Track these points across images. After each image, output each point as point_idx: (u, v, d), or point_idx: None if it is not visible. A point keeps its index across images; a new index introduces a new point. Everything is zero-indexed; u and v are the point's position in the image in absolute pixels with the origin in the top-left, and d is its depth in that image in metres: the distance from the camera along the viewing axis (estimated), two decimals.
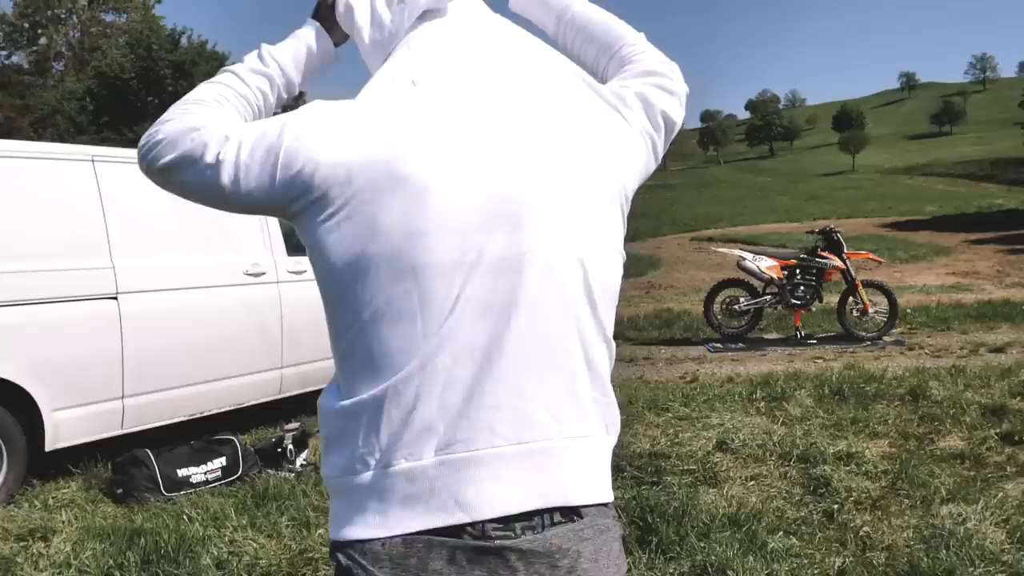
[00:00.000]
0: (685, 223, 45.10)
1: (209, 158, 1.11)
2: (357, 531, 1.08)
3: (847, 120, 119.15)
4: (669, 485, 4.22)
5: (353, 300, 1.08)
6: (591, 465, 1.15)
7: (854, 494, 4.00)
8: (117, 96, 31.52)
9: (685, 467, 4.53)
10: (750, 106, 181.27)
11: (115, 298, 4.73)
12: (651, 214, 52.22)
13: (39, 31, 45.07)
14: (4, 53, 46.69)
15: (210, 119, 1.16)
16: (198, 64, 32.52)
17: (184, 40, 33.88)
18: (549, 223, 1.11)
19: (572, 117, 1.19)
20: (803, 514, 3.84)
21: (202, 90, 1.25)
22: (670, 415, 5.81)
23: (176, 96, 1.27)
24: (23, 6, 44.08)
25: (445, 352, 1.06)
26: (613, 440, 1.21)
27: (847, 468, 4.38)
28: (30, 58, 45.87)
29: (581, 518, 1.10)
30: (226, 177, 1.11)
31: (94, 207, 4.75)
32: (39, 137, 28.13)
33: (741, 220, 45.14)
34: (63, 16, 44.76)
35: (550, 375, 1.11)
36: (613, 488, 1.20)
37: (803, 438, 4.99)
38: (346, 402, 1.10)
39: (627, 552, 3.46)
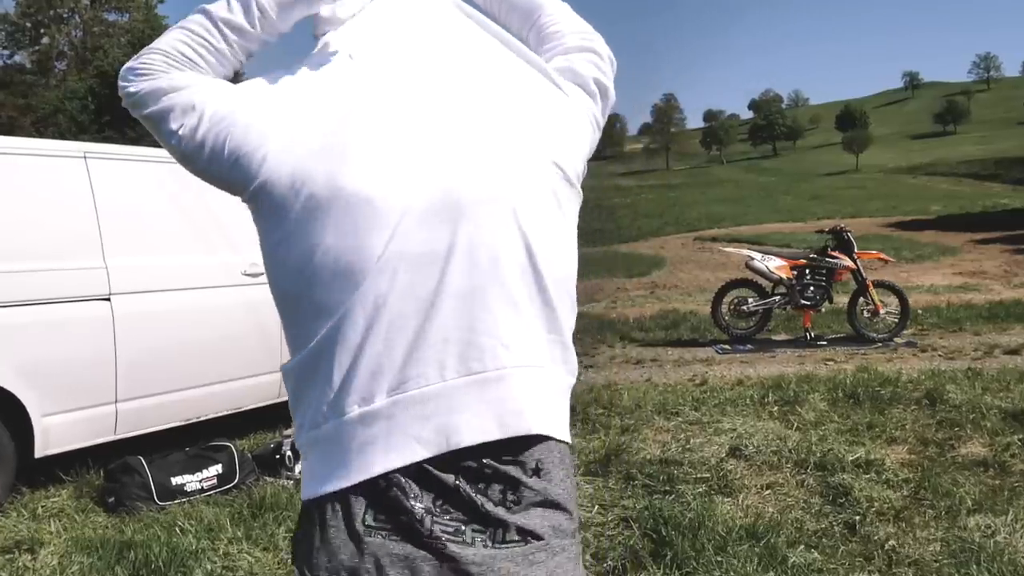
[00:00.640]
0: (688, 223, 45.00)
1: (174, 125, 1.15)
2: (324, 485, 1.07)
3: (850, 120, 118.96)
4: (682, 494, 4.05)
5: (299, 276, 1.11)
6: (548, 394, 1.14)
7: (876, 504, 3.83)
8: (119, 95, 31.33)
9: (698, 475, 4.36)
10: (753, 106, 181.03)
11: (108, 299, 4.57)
12: (654, 214, 52.23)
13: (41, 31, 45.03)
14: (6, 53, 46.70)
15: (182, 82, 1.17)
16: None
17: None
18: (493, 213, 1.10)
19: (513, 96, 1.19)
20: (824, 526, 3.67)
21: (179, 39, 1.20)
22: (680, 419, 5.65)
23: None
24: (25, 6, 44.04)
25: (390, 293, 1.06)
26: (571, 380, 1.21)
27: (867, 476, 4.22)
28: (32, 58, 45.84)
29: (538, 539, 1.06)
30: (187, 149, 1.15)
31: (86, 205, 4.59)
32: (41, 136, 27.99)
33: (745, 220, 45.03)
34: (65, 16, 44.69)
35: (500, 311, 1.10)
36: (624, 497, 1.13)
37: (819, 444, 4.83)
38: (297, 357, 1.13)
39: (641, 567, 3.34)
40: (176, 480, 4.24)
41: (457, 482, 1.04)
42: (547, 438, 1.12)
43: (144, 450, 4.63)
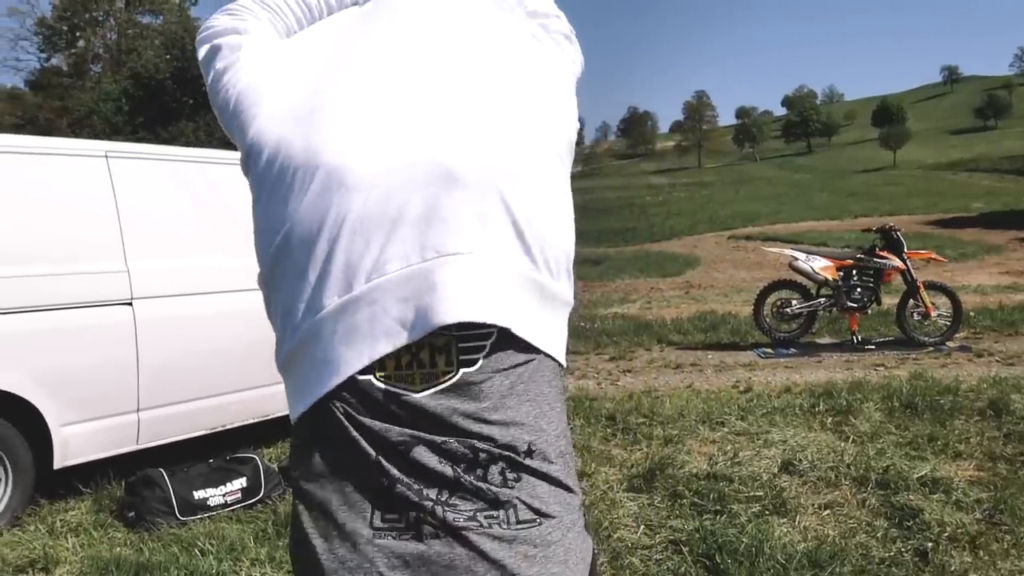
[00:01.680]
0: (721, 221, 44.49)
1: (218, 64, 1.15)
2: (314, 389, 1.02)
3: (887, 115, 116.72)
4: (735, 515, 3.78)
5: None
6: (525, 291, 1.05)
7: (948, 529, 3.52)
8: (152, 96, 31.57)
9: (750, 492, 4.08)
10: (786, 102, 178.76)
11: (130, 304, 4.39)
12: (686, 212, 51.69)
13: (77, 34, 45.53)
14: (43, 56, 47.28)
15: (247, 27, 1.16)
16: None
17: None
18: (481, 187, 1.04)
19: (508, 66, 1.15)
20: (892, 553, 3.37)
21: None
22: (726, 430, 5.36)
23: None
24: (61, 9, 44.54)
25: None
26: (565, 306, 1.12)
27: (935, 496, 3.91)
28: (69, 60, 46.38)
29: (551, 517, 1.01)
30: (214, 94, 1.15)
31: (107, 206, 4.41)
32: (76, 138, 28.21)
33: (779, 218, 44.46)
34: (100, 18, 45.13)
35: (469, 229, 1.02)
36: (672, 516, 0.98)
37: (877, 459, 4.52)
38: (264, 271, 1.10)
39: None
40: (198, 494, 4.04)
41: (456, 473, 0.98)
42: (535, 351, 1.05)
43: (166, 460, 4.45)
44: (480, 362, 1.01)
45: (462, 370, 1.00)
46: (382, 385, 1.00)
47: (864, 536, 3.55)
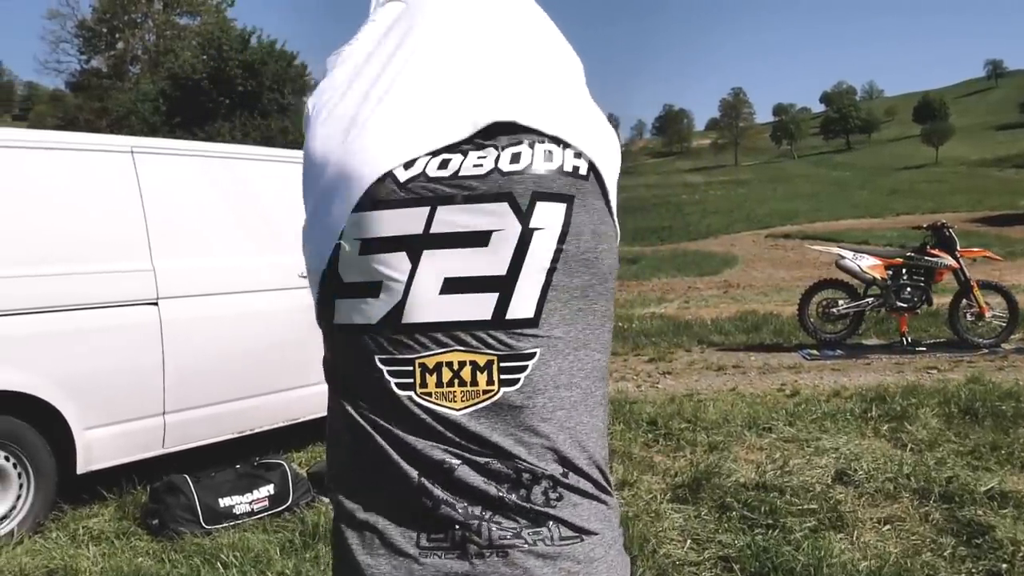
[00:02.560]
0: (759, 219, 43.94)
1: None
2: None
3: (929, 111, 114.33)
4: (788, 530, 3.54)
5: None
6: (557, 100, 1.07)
7: (1023, 548, 3.26)
8: (189, 96, 31.85)
9: (804, 505, 3.83)
10: (825, 99, 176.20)
11: (155, 303, 4.25)
12: (723, 210, 51.09)
13: (116, 35, 46.18)
14: (84, 58, 48.02)
15: None
16: (267, 63, 32.65)
17: (254, 40, 34.04)
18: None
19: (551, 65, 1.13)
20: (962, 574, 3.12)
21: None
22: (773, 436, 5.11)
23: (246, 95, 1.04)
24: (101, 11, 45.18)
25: None
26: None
27: (1005, 511, 3.63)
28: (108, 62, 47.05)
29: (593, 534, 1.00)
30: None
31: (133, 203, 4.28)
32: None
33: (818, 216, 43.82)
34: (139, 20, 45.70)
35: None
36: (720, 530, 0.93)
37: (938, 469, 4.25)
38: None
39: None
40: (224, 502, 3.89)
41: (500, 493, 0.97)
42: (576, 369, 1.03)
43: (193, 465, 4.32)
44: (521, 381, 0.99)
45: (503, 389, 0.98)
46: (422, 402, 0.98)
47: (930, 555, 3.30)
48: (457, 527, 0.96)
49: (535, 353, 0.99)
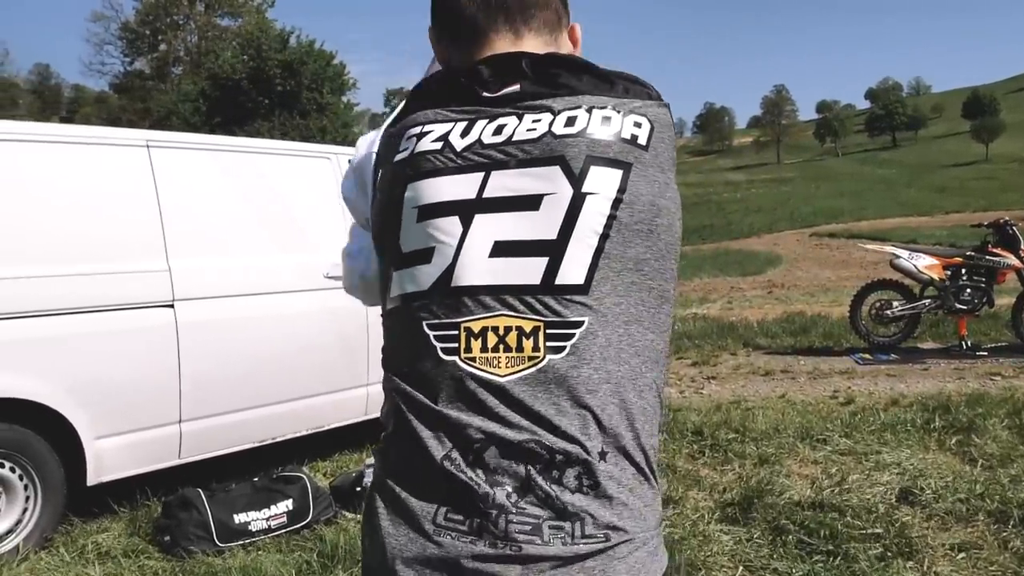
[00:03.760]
0: (803, 218, 43.22)
1: None
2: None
3: (978, 107, 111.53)
4: (852, 557, 3.20)
5: None
6: None
7: None
8: (229, 97, 32.02)
9: (867, 528, 3.49)
10: (870, 95, 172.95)
11: (171, 305, 4.03)
12: (766, 209, 50.31)
13: (159, 37, 46.75)
14: (127, 60, 48.68)
15: None
16: (306, 63, 32.72)
17: (293, 39, 34.14)
18: None
19: None
20: None
21: None
22: (829, 449, 4.76)
23: (286, 95, 0.66)
24: (144, 13, 45.75)
25: None
26: None
27: None
28: (151, 64, 47.65)
29: (621, 531, 0.95)
30: None
31: (148, 200, 4.06)
32: None
33: (864, 214, 43.01)
34: (181, 21, 46.19)
35: None
36: (774, 556, 0.88)
37: (1014, 488, 3.88)
38: None
39: None
40: (240, 518, 3.65)
41: (530, 474, 0.94)
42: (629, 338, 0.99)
43: (212, 475, 4.10)
44: (567, 349, 0.96)
45: (549, 356, 0.96)
46: (466, 367, 0.98)
47: None
48: (476, 516, 0.94)
49: (583, 322, 0.96)
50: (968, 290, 7.82)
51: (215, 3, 46.39)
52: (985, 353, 7.72)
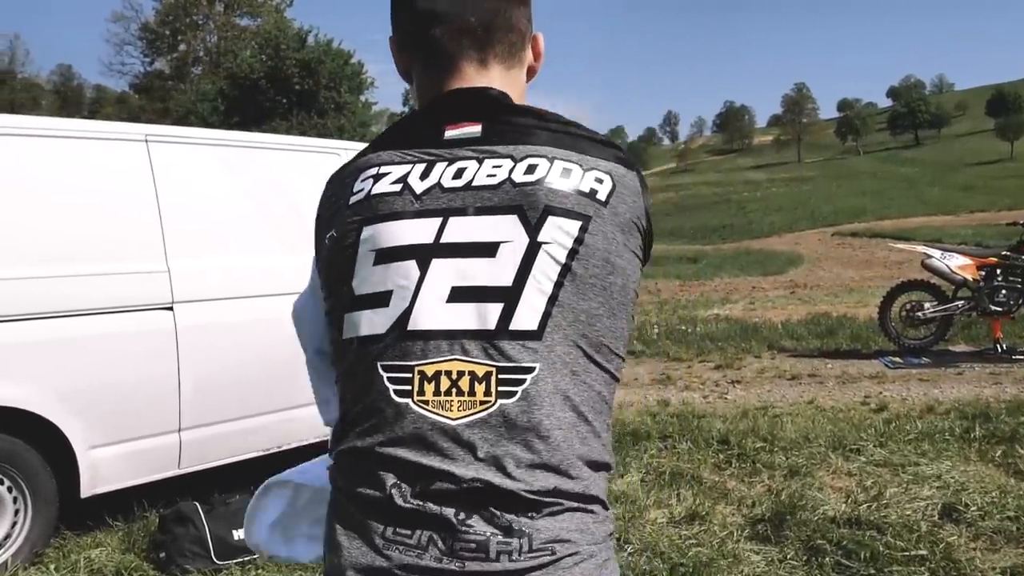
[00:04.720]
0: (824, 217, 42.75)
1: None
2: None
3: (1003, 104, 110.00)
4: None
5: None
6: None
7: None
8: (247, 96, 32.02)
9: (910, 549, 3.24)
10: (892, 93, 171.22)
11: (170, 308, 3.84)
12: (786, 208, 49.84)
13: (179, 37, 46.90)
14: (147, 60, 48.88)
15: None
16: (324, 62, 32.66)
17: (310, 39, 34.09)
18: None
19: None
20: None
21: None
22: (863, 459, 4.51)
23: (304, 94, 0.30)
24: (164, 14, 45.92)
25: None
26: None
27: None
28: (171, 64, 47.83)
29: (567, 543, 0.95)
30: None
31: (146, 197, 3.87)
32: None
33: (887, 213, 42.49)
34: (200, 22, 46.31)
35: None
36: None
37: None
38: None
39: None
40: (238, 534, 3.44)
41: (476, 507, 0.94)
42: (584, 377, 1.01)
43: (212, 486, 3.91)
44: (519, 394, 0.97)
45: (500, 401, 0.97)
46: (419, 409, 0.98)
47: None
48: (423, 529, 0.94)
49: (534, 368, 0.98)
50: (1003, 291, 7.52)
51: (234, 3, 46.49)
52: (1022, 357, 7.42)
